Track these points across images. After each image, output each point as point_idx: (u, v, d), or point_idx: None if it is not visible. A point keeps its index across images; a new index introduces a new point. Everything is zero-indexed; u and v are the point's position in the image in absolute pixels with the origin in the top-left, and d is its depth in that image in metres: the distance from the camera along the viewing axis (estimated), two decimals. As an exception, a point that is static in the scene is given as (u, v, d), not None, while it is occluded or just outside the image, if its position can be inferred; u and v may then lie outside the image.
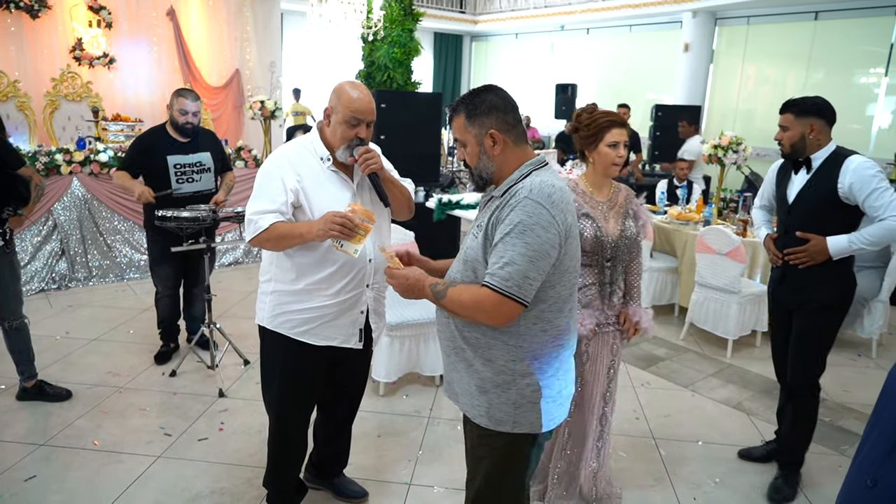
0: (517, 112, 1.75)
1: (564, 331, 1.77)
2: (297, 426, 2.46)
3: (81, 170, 5.40)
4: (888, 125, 9.18)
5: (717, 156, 5.70)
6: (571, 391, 1.86)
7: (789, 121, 2.72)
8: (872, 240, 2.62)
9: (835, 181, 2.63)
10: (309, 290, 2.21)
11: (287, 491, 2.56)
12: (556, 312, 1.73)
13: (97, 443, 3.09)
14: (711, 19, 10.77)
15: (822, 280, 2.74)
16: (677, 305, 5.31)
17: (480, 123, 1.71)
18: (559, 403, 1.79)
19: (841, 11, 9.32)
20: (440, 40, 15.75)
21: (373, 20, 8.24)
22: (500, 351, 1.72)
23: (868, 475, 0.99)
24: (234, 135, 8.49)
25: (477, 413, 1.78)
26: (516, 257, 1.59)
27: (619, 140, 2.44)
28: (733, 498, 2.88)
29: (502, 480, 1.84)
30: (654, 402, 3.78)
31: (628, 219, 2.56)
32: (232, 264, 6.32)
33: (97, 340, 4.35)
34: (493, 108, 1.70)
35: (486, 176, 1.76)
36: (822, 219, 2.71)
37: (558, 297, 1.72)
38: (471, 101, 1.72)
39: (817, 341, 2.84)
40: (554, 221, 1.62)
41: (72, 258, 5.44)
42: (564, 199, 1.67)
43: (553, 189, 1.65)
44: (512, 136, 1.72)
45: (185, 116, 3.76)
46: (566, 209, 1.67)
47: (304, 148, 2.23)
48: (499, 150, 1.71)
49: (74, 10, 7.45)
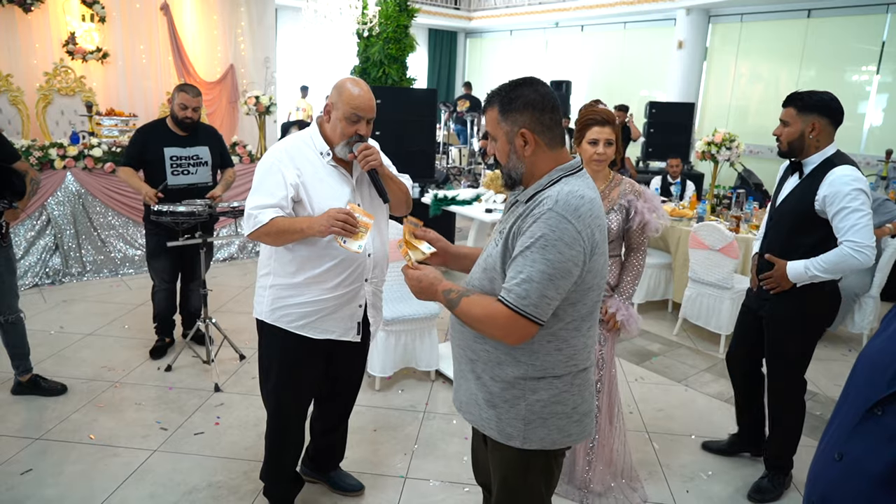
0: (557, 112, 1.60)
1: (581, 350, 1.65)
2: (295, 419, 2.47)
3: (75, 164, 5.38)
4: (880, 123, 9.24)
5: (711, 152, 5.73)
6: (591, 408, 1.73)
7: (791, 115, 2.53)
8: (826, 266, 2.47)
9: (814, 190, 2.48)
10: (308, 283, 2.22)
11: (284, 484, 2.57)
12: (573, 331, 1.62)
13: (93, 437, 3.10)
14: (705, 17, 10.81)
15: (791, 292, 2.62)
16: (671, 301, 5.35)
17: (513, 120, 1.57)
18: (575, 420, 1.67)
19: (833, 9, 9.38)
20: (435, 37, 15.74)
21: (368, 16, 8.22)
22: (510, 367, 1.62)
23: (835, 450, 1.03)
24: (228, 130, 8.46)
25: (486, 426, 1.69)
26: (535, 274, 1.49)
27: (598, 138, 2.54)
28: (725, 491, 2.91)
29: (519, 492, 1.75)
30: (648, 396, 3.81)
31: (614, 212, 2.60)
32: (227, 259, 6.32)
33: (92, 335, 4.34)
34: (529, 105, 1.56)
35: (516, 176, 1.63)
36: (798, 230, 2.58)
37: (578, 314, 1.60)
38: (506, 95, 1.59)
39: (783, 354, 2.73)
40: (579, 237, 1.49)
41: (66, 253, 5.42)
42: (594, 212, 1.54)
43: (582, 201, 1.52)
44: (546, 137, 1.58)
45: (185, 111, 3.77)
46: (594, 224, 1.53)
47: (304, 143, 2.24)
48: (530, 150, 1.58)
49: (67, 4, 7.40)
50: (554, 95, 1.60)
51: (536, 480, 1.74)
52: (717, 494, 2.89)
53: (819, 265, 2.49)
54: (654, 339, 4.73)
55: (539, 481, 1.74)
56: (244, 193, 5.94)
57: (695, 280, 4.66)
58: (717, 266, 4.46)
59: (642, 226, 2.63)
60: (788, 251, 2.62)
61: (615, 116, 2.64)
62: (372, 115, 2.19)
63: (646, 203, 2.63)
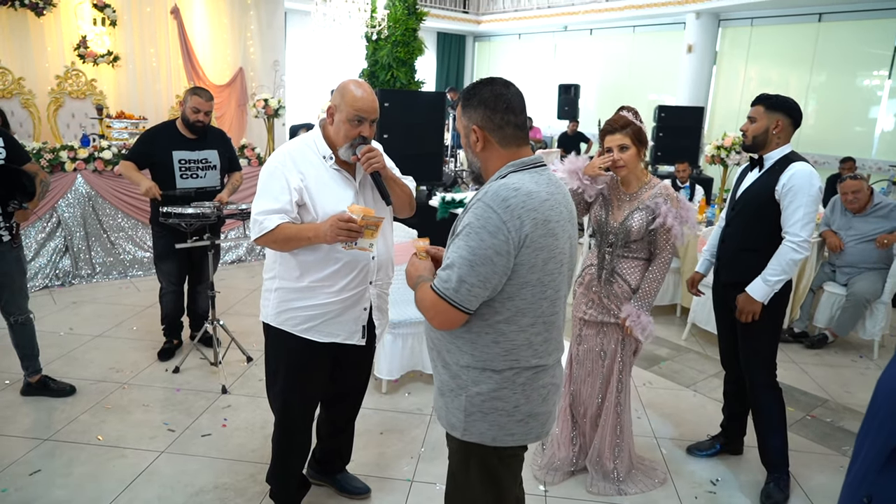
0: (511, 113, 1.62)
1: (522, 346, 1.64)
2: (301, 422, 2.47)
3: (86, 167, 5.42)
4: (892, 128, 9.17)
5: (720, 156, 5.70)
6: (538, 410, 1.70)
7: (759, 112, 2.75)
8: (778, 269, 2.66)
9: (776, 180, 2.68)
10: (313, 287, 2.23)
11: (290, 486, 2.57)
12: (512, 326, 1.62)
13: (101, 438, 3.11)
14: (715, 21, 10.77)
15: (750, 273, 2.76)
16: (679, 306, 5.32)
17: (469, 116, 1.65)
18: (518, 420, 1.67)
19: (844, 13, 9.31)
20: (443, 40, 15.75)
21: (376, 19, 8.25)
22: (454, 355, 1.68)
23: (863, 491, 0.97)
24: (237, 133, 8.51)
25: (438, 414, 1.78)
26: (457, 259, 1.54)
27: (612, 145, 2.71)
28: (734, 497, 2.89)
29: (466, 486, 1.79)
30: (656, 401, 3.78)
31: (638, 212, 2.67)
32: (235, 262, 6.34)
33: (101, 337, 4.36)
34: (482, 104, 1.62)
35: (475, 170, 1.71)
36: (758, 217, 2.76)
37: (515, 308, 1.60)
38: (468, 92, 1.67)
39: (753, 338, 2.85)
40: (503, 227, 1.51)
41: (75, 255, 5.45)
42: (528, 205, 1.53)
43: (514, 193, 1.53)
44: (497, 136, 1.63)
45: (196, 115, 3.78)
46: (527, 217, 1.53)
47: (307, 146, 2.24)
48: (479, 147, 1.65)
49: (79, 7, 7.46)
50: (511, 98, 1.63)
51: (478, 477, 1.75)
52: (726, 501, 2.86)
53: (773, 272, 2.67)
54: (662, 344, 4.70)
55: (480, 478, 1.74)
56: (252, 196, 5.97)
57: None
58: (727, 271, 4.43)
59: (666, 230, 2.65)
60: (748, 237, 2.81)
61: (627, 121, 2.70)
62: (375, 117, 2.19)
63: (677, 210, 2.66)
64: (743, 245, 2.84)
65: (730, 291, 2.87)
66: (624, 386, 2.85)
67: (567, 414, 2.99)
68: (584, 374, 2.89)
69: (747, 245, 2.82)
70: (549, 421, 1.76)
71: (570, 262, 1.70)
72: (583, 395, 2.91)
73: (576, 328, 2.92)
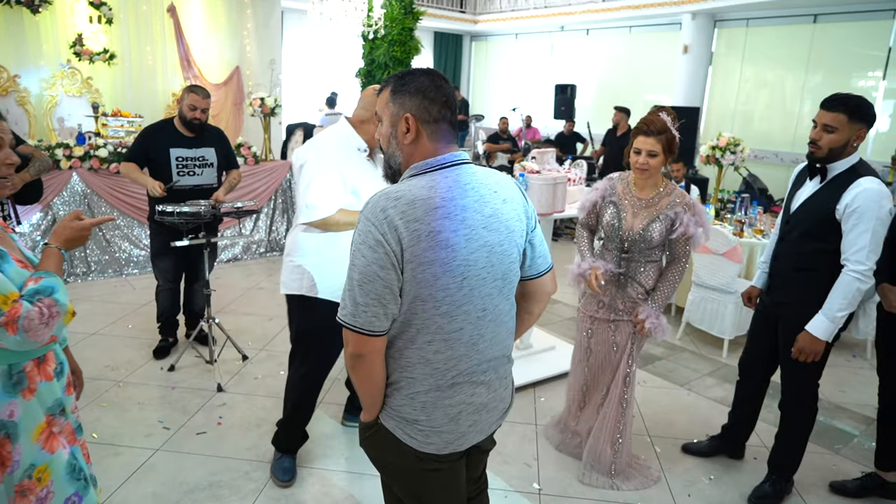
0: (448, 108, 1.49)
1: (418, 365, 1.50)
2: (321, 380, 2.85)
3: (81, 165, 5.41)
4: (886, 129, 9.21)
5: (716, 157, 5.72)
6: (448, 430, 1.53)
7: (841, 122, 2.35)
8: (843, 304, 2.38)
9: (837, 198, 2.39)
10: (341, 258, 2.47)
11: (296, 433, 2.92)
12: (404, 341, 1.49)
13: (96, 435, 3.11)
14: (711, 21, 10.80)
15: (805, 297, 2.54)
16: (674, 305, 5.34)
17: (401, 103, 1.48)
18: (420, 430, 1.52)
19: (839, 14, 9.35)
20: (440, 39, 15.76)
21: (373, 18, 8.25)
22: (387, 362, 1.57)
23: None
24: (233, 131, 8.48)
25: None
26: (347, 282, 1.43)
27: (642, 148, 2.67)
28: (727, 495, 2.91)
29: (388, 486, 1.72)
30: (651, 400, 3.80)
31: (658, 222, 2.67)
32: (231, 260, 6.33)
33: (96, 335, 4.36)
34: (420, 92, 1.47)
35: (395, 165, 1.55)
36: (814, 235, 2.51)
37: (409, 325, 1.47)
38: (402, 77, 1.51)
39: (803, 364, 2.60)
40: (382, 240, 1.38)
41: (71, 253, 5.45)
42: (409, 215, 1.38)
43: (395, 203, 1.39)
44: (429, 129, 1.48)
45: (194, 112, 3.78)
46: (405, 228, 1.38)
47: (346, 140, 2.55)
48: (410, 138, 1.48)
49: (75, 5, 7.43)
50: (449, 93, 1.51)
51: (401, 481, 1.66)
52: (719, 499, 2.88)
53: (838, 306, 2.40)
54: (656, 343, 4.72)
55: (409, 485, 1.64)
56: (249, 194, 5.98)
57: (698, 284, 4.65)
58: (721, 270, 4.45)
59: (686, 238, 2.68)
60: (801, 256, 2.57)
61: (665, 127, 2.64)
62: None
63: (694, 216, 2.66)
64: (798, 265, 2.58)
65: (781, 311, 2.68)
66: (630, 381, 2.88)
67: (580, 394, 3.10)
68: (597, 364, 2.97)
69: (803, 265, 2.56)
70: (459, 440, 1.56)
71: (493, 273, 1.50)
72: (599, 384, 3.00)
73: (585, 323, 2.98)
